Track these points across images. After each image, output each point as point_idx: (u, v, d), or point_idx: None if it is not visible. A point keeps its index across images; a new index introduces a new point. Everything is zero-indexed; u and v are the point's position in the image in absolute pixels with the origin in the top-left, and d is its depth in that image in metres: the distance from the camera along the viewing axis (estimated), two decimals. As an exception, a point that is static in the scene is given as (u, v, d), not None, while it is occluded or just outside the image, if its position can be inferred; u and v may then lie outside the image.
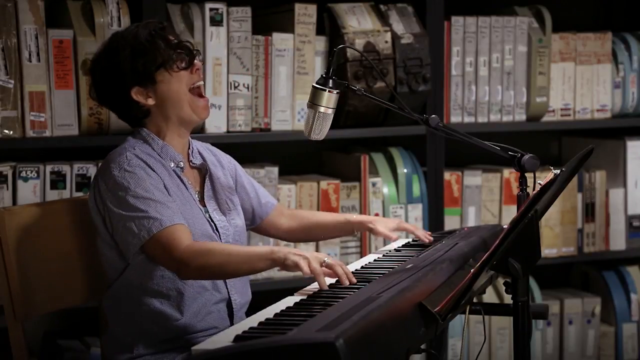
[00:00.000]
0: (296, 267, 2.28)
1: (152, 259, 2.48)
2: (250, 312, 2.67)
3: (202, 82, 2.62)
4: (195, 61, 2.60)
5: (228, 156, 2.85)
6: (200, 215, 2.59)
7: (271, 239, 3.41)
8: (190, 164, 2.67)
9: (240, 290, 2.65)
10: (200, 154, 2.72)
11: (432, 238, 2.86)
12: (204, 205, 2.64)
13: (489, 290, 3.73)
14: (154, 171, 2.53)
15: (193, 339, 2.55)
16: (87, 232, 2.68)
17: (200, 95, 2.61)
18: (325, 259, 2.30)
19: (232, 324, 2.62)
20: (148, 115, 2.60)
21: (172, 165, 2.59)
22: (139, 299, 2.55)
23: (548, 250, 3.89)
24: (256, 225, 2.89)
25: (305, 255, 2.29)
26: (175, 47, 2.57)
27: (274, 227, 2.91)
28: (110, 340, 2.60)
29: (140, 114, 2.60)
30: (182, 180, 2.60)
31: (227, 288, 2.61)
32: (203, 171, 2.69)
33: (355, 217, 2.91)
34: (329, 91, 2.58)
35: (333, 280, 2.34)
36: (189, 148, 2.68)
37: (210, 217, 2.62)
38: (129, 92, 2.55)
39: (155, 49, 2.54)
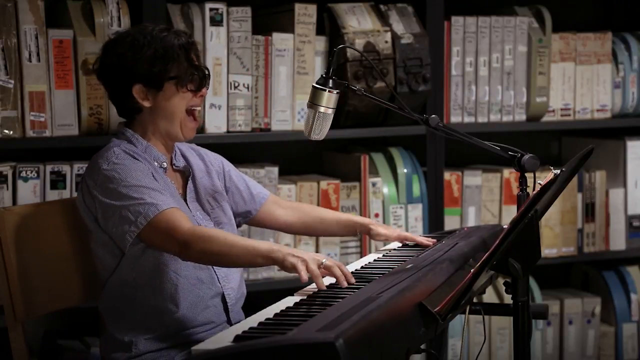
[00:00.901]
0: (293, 269, 2.28)
1: (152, 243, 2.48)
2: (250, 312, 2.66)
3: (200, 107, 2.64)
4: (203, 88, 2.61)
5: (214, 154, 2.85)
6: (186, 210, 2.61)
7: (272, 235, 3.41)
8: (173, 167, 2.67)
9: (234, 285, 2.66)
10: (183, 156, 2.73)
11: (434, 241, 2.85)
12: (187, 206, 2.64)
13: (489, 290, 3.73)
14: (141, 162, 2.55)
15: (191, 335, 2.55)
16: (87, 232, 2.68)
17: (194, 117, 2.62)
18: (324, 260, 2.31)
19: (228, 318, 2.63)
20: (139, 112, 2.61)
21: (155, 165, 2.60)
22: (133, 295, 2.55)
23: (548, 250, 3.89)
24: (251, 217, 2.89)
25: (303, 257, 2.29)
26: (194, 69, 2.58)
27: (270, 219, 2.91)
28: (109, 341, 2.60)
29: (132, 108, 2.61)
30: (165, 180, 2.61)
31: (220, 283, 2.61)
32: (186, 174, 2.70)
33: (358, 218, 2.91)
34: (329, 91, 2.58)
35: (333, 280, 2.34)
36: (172, 152, 2.69)
37: (193, 217, 2.63)
38: (131, 86, 2.56)
39: (177, 62, 2.56)
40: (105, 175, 2.49)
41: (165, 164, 2.63)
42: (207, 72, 2.63)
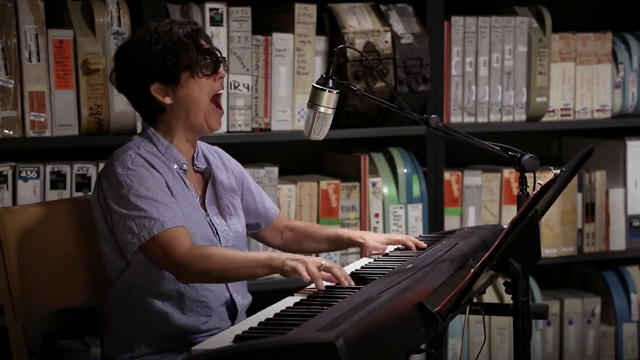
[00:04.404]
0: (294, 272, 2.29)
1: (151, 259, 2.48)
2: (250, 312, 2.67)
3: (222, 91, 2.62)
4: (220, 69, 2.59)
5: (235, 160, 2.85)
6: (202, 218, 2.59)
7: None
8: (195, 167, 2.66)
9: (241, 292, 2.65)
10: (205, 157, 2.71)
11: (424, 244, 2.83)
12: (205, 210, 2.64)
13: (489, 290, 3.73)
14: (157, 171, 2.53)
15: (195, 339, 2.55)
16: (87, 232, 2.68)
17: (218, 106, 2.61)
18: (323, 262, 2.31)
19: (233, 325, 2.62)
20: (162, 112, 2.59)
21: (175, 167, 2.59)
22: (140, 298, 2.55)
23: (548, 250, 3.89)
24: (258, 232, 2.89)
25: (302, 259, 2.30)
26: (204, 53, 2.56)
27: (274, 236, 2.91)
28: (112, 339, 2.61)
29: (155, 109, 2.59)
30: (184, 182, 2.60)
31: (229, 291, 2.61)
32: (207, 175, 2.69)
33: (346, 232, 2.88)
34: (329, 91, 2.58)
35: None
36: (194, 151, 2.68)
37: (210, 220, 2.62)
38: (149, 87, 2.55)
39: (186, 50, 2.54)
40: (118, 180, 2.49)
41: (185, 165, 2.61)
42: (219, 54, 2.60)
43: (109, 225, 2.52)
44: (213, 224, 2.61)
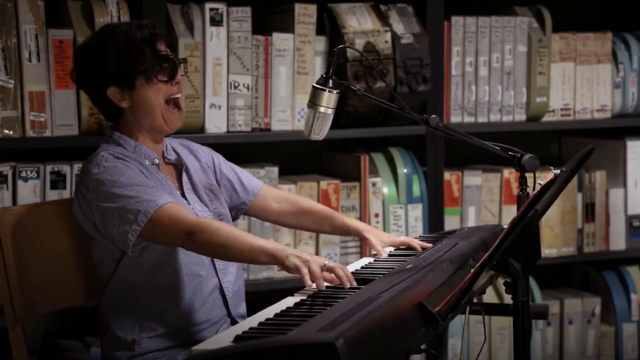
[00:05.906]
0: (296, 270, 2.28)
1: (154, 239, 2.47)
2: (250, 312, 2.67)
3: (179, 95, 2.62)
4: (177, 75, 2.59)
5: (203, 147, 2.85)
6: (184, 203, 2.60)
7: (272, 234, 3.41)
8: (165, 160, 2.67)
9: (231, 277, 2.65)
10: (174, 150, 2.72)
11: (430, 245, 2.83)
12: (186, 199, 2.64)
13: (489, 290, 3.73)
14: (132, 164, 2.54)
15: (194, 334, 2.56)
16: (87, 233, 2.67)
17: (177, 106, 2.61)
18: (326, 262, 2.30)
19: (228, 311, 2.62)
20: (122, 112, 2.61)
21: (147, 163, 2.60)
22: (134, 295, 2.56)
23: (548, 250, 3.89)
24: (246, 209, 2.88)
25: (306, 258, 2.29)
26: (161, 59, 2.56)
27: (264, 210, 2.90)
28: (111, 340, 2.61)
29: (113, 110, 2.61)
30: (159, 177, 2.61)
31: (217, 276, 2.61)
32: (179, 166, 2.69)
33: (353, 222, 2.88)
34: (329, 91, 2.58)
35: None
36: (163, 147, 2.69)
37: (193, 209, 2.62)
38: (105, 90, 2.56)
39: (142, 56, 2.54)
40: (98, 179, 2.48)
41: (157, 160, 2.62)
42: (176, 60, 2.59)
43: (100, 231, 2.52)
44: (196, 213, 2.61)
